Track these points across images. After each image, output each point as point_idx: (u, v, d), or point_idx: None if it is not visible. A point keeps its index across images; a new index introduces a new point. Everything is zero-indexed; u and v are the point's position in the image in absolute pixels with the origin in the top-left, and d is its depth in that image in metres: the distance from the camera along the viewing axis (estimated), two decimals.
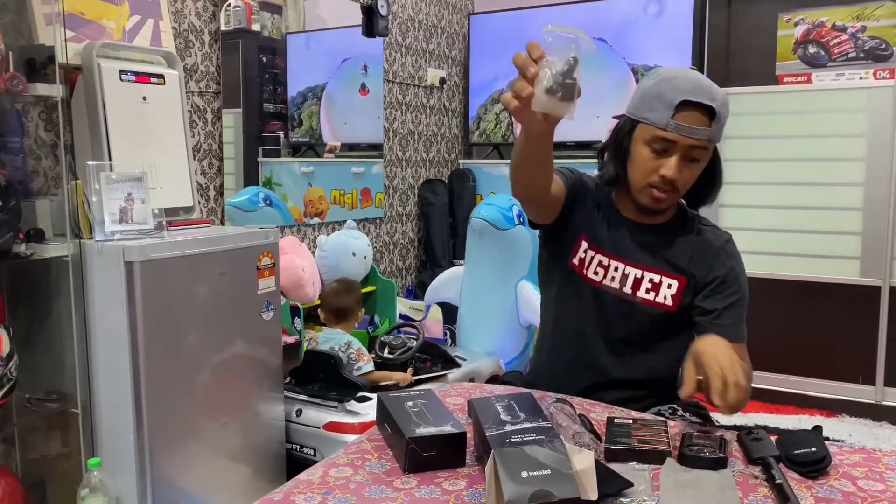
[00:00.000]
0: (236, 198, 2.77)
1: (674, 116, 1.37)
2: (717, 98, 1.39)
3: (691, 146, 1.40)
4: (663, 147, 1.41)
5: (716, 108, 1.38)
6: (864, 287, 3.35)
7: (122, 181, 1.92)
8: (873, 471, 1.12)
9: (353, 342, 2.58)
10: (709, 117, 1.38)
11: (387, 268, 3.74)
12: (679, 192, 1.46)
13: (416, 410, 1.22)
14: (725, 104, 1.41)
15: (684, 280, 1.51)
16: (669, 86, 1.40)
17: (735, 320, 1.48)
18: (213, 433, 2.04)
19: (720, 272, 1.50)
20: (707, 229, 1.57)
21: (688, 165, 1.42)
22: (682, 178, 1.43)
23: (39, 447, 2.03)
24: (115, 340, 1.85)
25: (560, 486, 0.95)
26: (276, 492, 1.10)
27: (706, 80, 1.42)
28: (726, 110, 1.41)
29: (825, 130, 3.40)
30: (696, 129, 1.38)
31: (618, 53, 3.72)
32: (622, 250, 1.53)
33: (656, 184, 1.44)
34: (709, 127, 1.39)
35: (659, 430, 1.23)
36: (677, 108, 1.37)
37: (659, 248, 1.53)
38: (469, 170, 4.14)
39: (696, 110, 1.37)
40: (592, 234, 1.54)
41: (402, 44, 3.75)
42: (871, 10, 3.28)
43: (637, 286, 1.52)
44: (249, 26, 2.82)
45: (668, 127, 1.38)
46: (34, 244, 1.85)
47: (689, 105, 1.37)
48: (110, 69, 2.01)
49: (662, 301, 1.51)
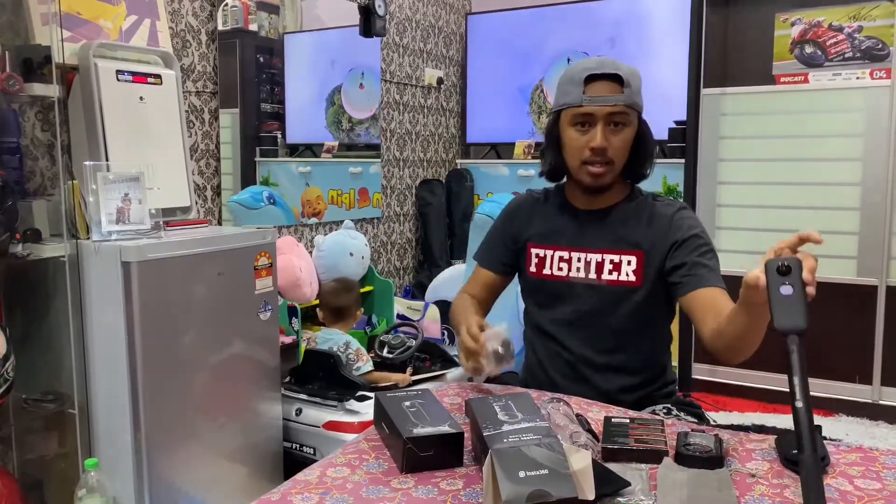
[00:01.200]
0: (240, 195, 2.77)
1: (585, 92, 1.48)
2: (620, 68, 1.49)
3: (610, 114, 1.48)
4: (584, 121, 1.50)
5: (622, 75, 1.47)
6: (860, 287, 3.36)
7: (119, 181, 1.92)
8: (870, 470, 1.12)
9: (351, 342, 2.58)
10: (619, 84, 1.48)
11: (384, 268, 3.74)
12: (613, 162, 1.52)
13: (413, 410, 1.22)
14: (633, 72, 1.51)
15: (642, 254, 1.55)
16: (576, 69, 1.52)
17: (710, 269, 1.49)
18: (210, 433, 2.04)
19: (678, 234, 1.53)
20: (659, 202, 1.60)
21: (613, 132, 1.49)
22: (612, 147, 1.50)
23: (37, 448, 2.03)
24: (112, 341, 1.85)
25: (557, 486, 0.95)
26: (273, 492, 1.10)
27: (611, 59, 1.53)
28: (635, 78, 1.50)
29: (822, 130, 3.40)
30: (609, 97, 1.47)
31: (614, 54, 3.72)
32: (579, 240, 1.60)
33: (589, 159, 1.51)
34: (621, 93, 1.47)
35: (656, 429, 1.24)
36: (585, 82, 1.48)
37: (613, 229, 1.58)
38: (466, 170, 4.14)
39: (604, 81, 1.48)
40: (540, 237, 1.64)
41: (399, 44, 3.75)
42: (868, 9, 3.28)
43: (600, 270, 1.57)
44: (247, 26, 2.82)
45: (582, 102, 1.48)
46: (31, 244, 1.85)
47: (596, 77, 1.48)
48: (107, 69, 2.01)
49: (626, 278, 1.55)
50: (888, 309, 3.31)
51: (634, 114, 1.52)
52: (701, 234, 1.54)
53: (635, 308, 1.55)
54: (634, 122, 1.53)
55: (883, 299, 3.32)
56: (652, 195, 1.63)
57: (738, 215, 3.54)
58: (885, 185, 3.27)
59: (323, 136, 3.32)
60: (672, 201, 1.62)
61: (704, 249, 1.51)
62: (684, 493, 1.03)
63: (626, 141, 1.52)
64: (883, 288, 3.31)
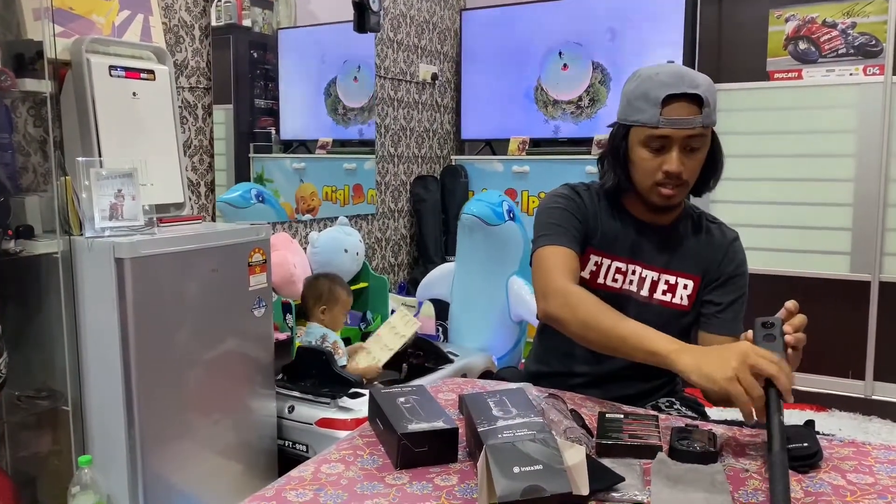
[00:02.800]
0: (228, 194, 2.76)
1: (662, 112, 1.37)
2: (700, 84, 1.38)
3: (687, 136, 1.39)
4: (660, 144, 1.40)
5: (701, 95, 1.37)
6: (853, 282, 3.37)
7: (112, 177, 1.91)
8: (863, 464, 1.13)
9: (328, 335, 2.56)
10: (697, 105, 1.37)
11: (379, 264, 3.74)
12: (687, 184, 1.45)
13: (407, 406, 1.22)
14: (710, 88, 1.40)
15: (698, 279, 1.53)
16: (651, 83, 1.40)
17: (737, 315, 1.51)
18: (204, 430, 2.04)
19: (728, 268, 1.52)
20: (714, 227, 1.58)
21: (689, 156, 1.42)
22: (686, 170, 1.42)
23: (30, 445, 2.02)
24: (105, 337, 1.84)
25: (552, 481, 0.95)
26: (267, 488, 1.10)
27: (686, 69, 1.42)
28: (713, 94, 1.40)
29: (815, 126, 3.41)
30: (688, 119, 1.37)
31: (609, 51, 3.72)
32: (637, 253, 1.54)
33: (662, 181, 1.43)
34: (699, 114, 1.38)
35: (650, 424, 1.24)
36: (663, 103, 1.37)
37: (671, 248, 1.54)
38: (461, 166, 4.13)
39: (682, 101, 1.37)
40: (600, 244, 1.54)
41: (393, 39, 3.75)
42: (861, 6, 3.29)
43: (654, 289, 1.53)
44: (240, 22, 2.81)
45: (659, 124, 1.38)
46: (23, 241, 1.84)
47: (675, 98, 1.37)
48: (100, 65, 2.00)
49: (679, 302, 1.53)
50: (881, 304, 3.33)
51: (709, 133, 1.44)
52: (745, 273, 1.55)
53: (679, 332, 1.50)
54: (708, 141, 1.45)
55: (876, 295, 3.33)
56: (705, 215, 1.59)
57: (731, 211, 3.55)
58: (877, 181, 3.28)
59: (318, 133, 3.31)
60: (726, 228, 1.59)
61: (741, 293, 1.53)
62: (678, 488, 1.04)
63: (701, 161, 1.45)
64: (876, 283, 3.33)
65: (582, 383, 1.56)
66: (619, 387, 1.54)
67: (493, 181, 3.93)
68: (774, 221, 3.47)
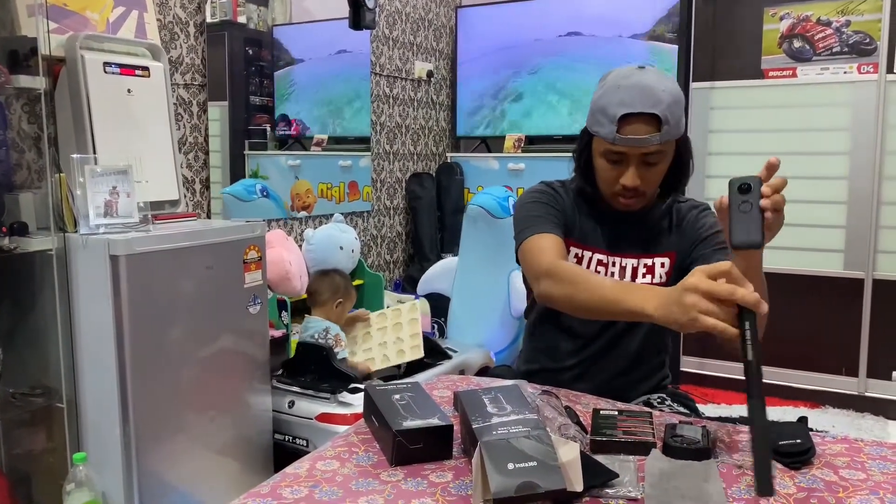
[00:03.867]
0: (232, 187, 2.76)
1: (619, 130, 1.36)
2: (660, 102, 1.35)
3: (644, 154, 1.39)
4: (617, 158, 1.42)
5: (659, 114, 1.34)
6: (847, 280, 3.39)
7: (107, 174, 1.90)
8: (855, 460, 1.13)
9: (330, 328, 2.57)
10: (656, 123, 1.35)
11: (374, 261, 3.74)
12: (646, 194, 1.47)
13: (402, 403, 1.23)
14: (673, 104, 1.36)
15: (674, 255, 1.55)
16: (611, 99, 1.38)
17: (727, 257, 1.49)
18: (199, 427, 2.04)
19: (700, 231, 1.54)
20: (684, 205, 1.61)
21: (647, 170, 1.43)
22: (644, 183, 1.43)
23: (24, 442, 2.02)
24: (100, 335, 1.84)
25: (546, 478, 0.96)
26: (262, 485, 1.10)
27: (651, 82, 1.37)
28: (674, 110, 1.37)
29: (810, 124, 3.42)
30: (643, 139, 1.36)
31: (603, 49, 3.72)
32: (615, 245, 1.56)
33: (620, 192, 1.46)
34: (658, 132, 1.36)
35: (644, 421, 1.24)
36: (620, 121, 1.36)
37: (646, 234, 1.57)
38: (457, 163, 4.13)
39: (640, 121, 1.35)
40: (580, 237, 1.56)
41: (389, 36, 3.74)
42: (856, 4, 3.30)
43: (634, 275, 1.56)
44: (235, 18, 2.80)
45: (615, 141, 1.38)
46: (18, 238, 1.84)
47: (632, 117, 1.35)
48: (94, 61, 2.00)
49: (658, 280, 1.55)
50: (874, 302, 3.34)
51: (671, 144, 1.44)
52: (721, 233, 1.52)
53: None
54: (670, 152, 1.45)
55: (869, 292, 3.35)
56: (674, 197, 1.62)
57: None
58: (871, 179, 3.30)
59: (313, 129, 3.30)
60: (696, 202, 1.61)
61: (724, 245, 1.50)
62: (672, 485, 1.04)
63: (661, 172, 1.46)
64: (869, 281, 3.34)
65: (570, 377, 1.59)
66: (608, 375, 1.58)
67: (488, 178, 3.93)
68: None
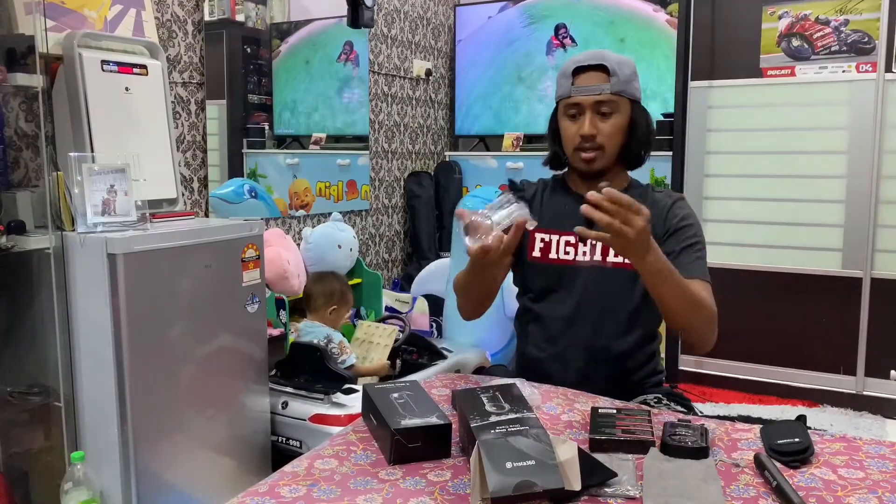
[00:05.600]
0: (221, 189, 2.75)
1: (574, 83, 1.55)
2: (608, 58, 1.54)
3: (597, 102, 1.54)
4: (575, 111, 1.57)
5: (607, 65, 1.53)
6: (845, 279, 3.39)
7: (105, 173, 1.90)
8: (853, 459, 1.14)
9: (333, 335, 2.56)
10: (606, 74, 1.53)
11: (373, 260, 3.74)
12: (604, 148, 1.56)
13: (401, 402, 1.23)
14: (622, 62, 1.55)
15: None
16: (569, 63, 1.58)
17: (695, 258, 1.53)
18: (197, 426, 2.04)
19: (673, 221, 1.58)
20: (660, 194, 1.65)
21: (602, 120, 1.55)
22: (601, 134, 1.55)
23: (22, 441, 2.01)
24: (98, 333, 1.83)
25: (544, 477, 0.96)
26: (260, 484, 1.10)
27: (604, 51, 1.58)
28: (623, 67, 1.54)
29: (808, 123, 3.42)
30: (595, 87, 1.54)
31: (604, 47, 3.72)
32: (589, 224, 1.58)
33: (580, 145, 1.57)
34: (607, 82, 1.53)
35: (643, 420, 1.24)
36: (573, 74, 1.55)
37: None
38: (455, 162, 4.13)
39: (590, 71, 1.54)
40: (546, 223, 1.62)
41: (387, 35, 3.74)
42: (854, 3, 3.30)
43: (606, 252, 1.59)
44: (233, 17, 2.80)
45: (571, 93, 1.55)
46: (15, 236, 1.83)
47: (583, 69, 1.55)
48: (92, 59, 1.99)
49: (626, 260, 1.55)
50: (872, 301, 3.34)
51: (624, 101, 1.56)
52: (693, 225, 1.58)
53: (642, 293, 1.55)
54: (625, 109, 1.56)
55: (867, 291, 3.35)
56: (652, 186, 1.68)
57: (724, 207, 3.56)
58: (869, 178, 3.30)
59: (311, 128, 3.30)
60: (671, 192, 1.66)
61: (694, 241, 1.55)
62: (670, 483, 1.04)
63: (617, 127, 1.56)
64: (867, 280, 3.34)
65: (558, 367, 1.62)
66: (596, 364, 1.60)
67: (487, 177, 3.93)
68: (766, 218, 3.48)
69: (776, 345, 3.53)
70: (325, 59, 3.31)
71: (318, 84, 3.28)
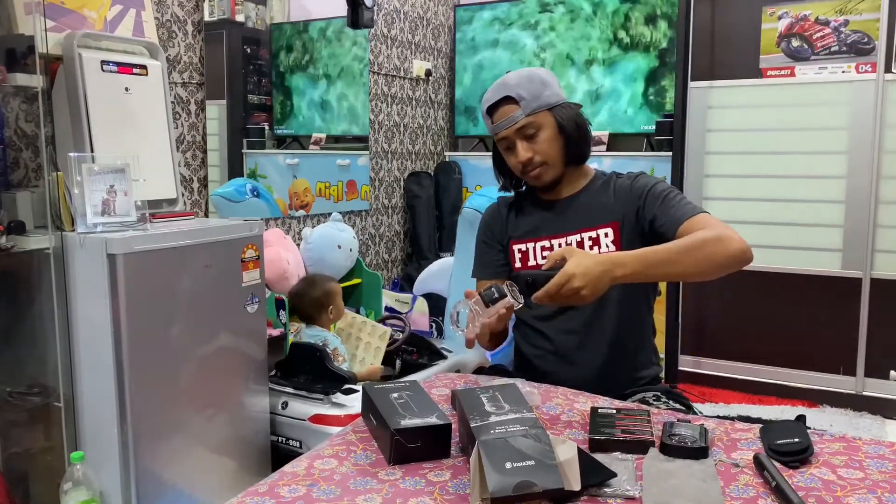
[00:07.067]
0: (222, 188, 2.75)
1: (492, 121, 1.63)
2: (508, 86, 1.59)
3: (518, 130, 1.60)
4: (507, 144, 1.64)
5: (512, 95, 1.58)
6: (845, 279, 3.39)
7: (105, 173, 1.90)
8: (853, 459, 1.14)
9: (329, 340, 2.55)
10: (515, 103, 1.59)
11: (372, 260, 3.74)
12: (546, 163, 1.62)
13: (401, 402, 1.23)
14: (524, 82, 1.59)
15: (617, 224, 1.61)
16: (482, 103, 1.66)
17: (676, 203, 1.55)
18: (197, 426, 2.04)
19: (638, 192, 1.61)
20: (623, 178, 1.68)
21: (531, 142, 1.61)
22: (537, 153, 1.61)
23: (22, 441, 2.01)
24: (98, 333, 1.83)
25: (544, 477, 0.96)
26: (260, 483, 1.10)
27: (506, 76, 1.64)
28: (527, 86, 1.59)
29: (808, 124, 3.42)
30: (509, 119, 1.60)
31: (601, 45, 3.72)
32: (557, 228, 1.66)
33: (524, 170, 1.64)
34: (519, 108, 1.59)
35: (642, 420, 1.24)
36: (488, 114, 1.64)
37: (586, 209, 1.65)
38: (455, 162, 4.13)
39: (501, 106, 1.61)
40: (521, 234, 1.70)
41: (387, 35, 3.74)
42: (854, 3, 3.30)
43: (580, 247, 1.61)
44: (233, 17, 2.80)
45: (495, 131, 1.64)
46: (15, 236, 1.83)
47: (494, 106, 1.62)
48: (92, 59, 1.99)
49: (606, 249, 1.59)
50: (872, 301, 3.35)
51: (543, 114, 1.60)
52: (659, 183, 1.61)
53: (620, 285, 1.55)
54: (547, 121, 1.61)
55: (867, 291, 3.35)
56: (615, 173, 1.70)
57: (724, 208, 3.56)
58: (869, 178, 3.30)
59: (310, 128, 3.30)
60: (632, 172, 1.69)
61: (667, 192, 1.58)
62: (670, 484, 1.04)
63: (548, 140, 1.61)
64: (867, 280, 3.35)
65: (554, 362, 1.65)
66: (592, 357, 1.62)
67: (486, 178, 3.90)
68: (767, 218, 3.48)
69: (776, 345, 3.53)
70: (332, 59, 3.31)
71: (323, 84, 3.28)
